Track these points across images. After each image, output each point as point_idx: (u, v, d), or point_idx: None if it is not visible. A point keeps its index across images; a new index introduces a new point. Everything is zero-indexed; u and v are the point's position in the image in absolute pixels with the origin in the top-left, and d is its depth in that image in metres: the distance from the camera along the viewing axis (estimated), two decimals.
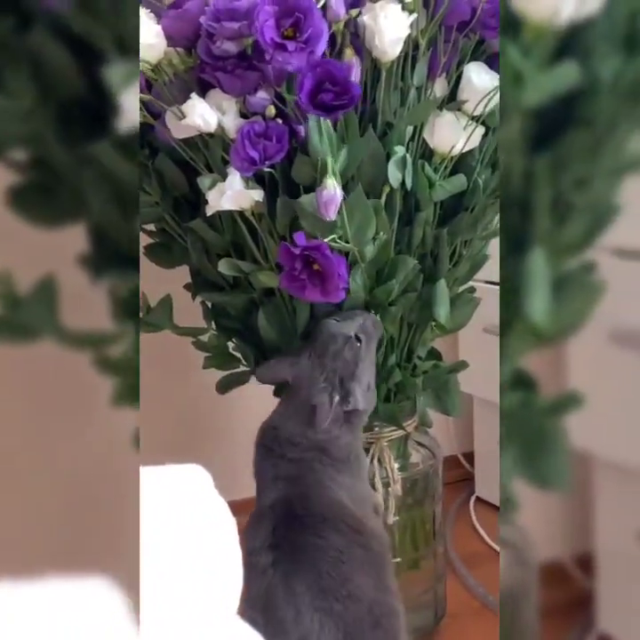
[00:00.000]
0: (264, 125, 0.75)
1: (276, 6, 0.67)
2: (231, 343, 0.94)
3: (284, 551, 0.76)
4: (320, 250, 0.72)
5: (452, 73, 0.80)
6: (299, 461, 0.81)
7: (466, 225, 0.85)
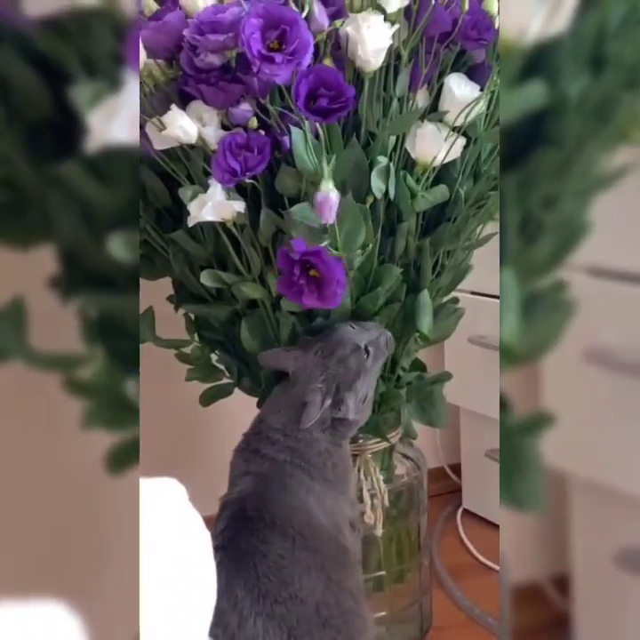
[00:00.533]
0: (245, 137, 0.74)
1: (262, 19, 0.66)
2: (214, 355, 0.94)
3: (229, 554, 0.75)
4: (320, 255, 0.72)
5: (434, 84, 0.80)
6: (271, 460, 0.80)
7: (448, 235, 0.85)
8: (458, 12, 0.76)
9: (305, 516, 0.78)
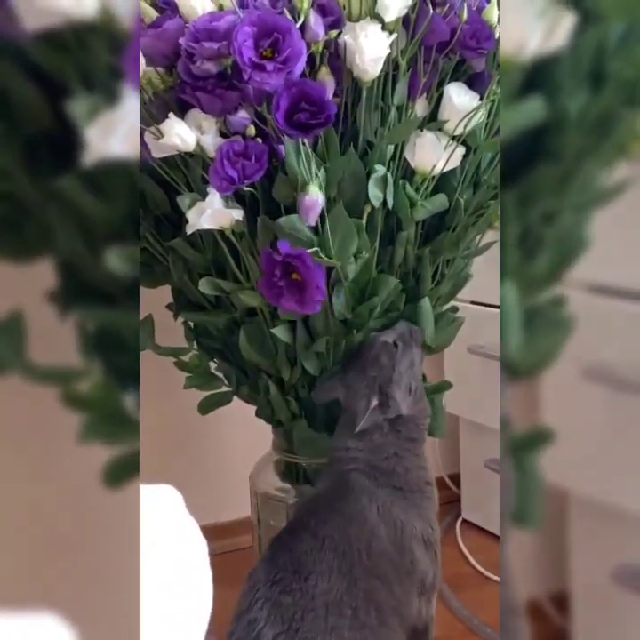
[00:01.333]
0: (243, 145, 0.74)
1: (255, 27, 0.67)
2: (213, 363, 0.94)
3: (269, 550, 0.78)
4: (302, 259, 0.72)
5: (433, 93, 0.80)
6: (339, 473, 0.81)
7: (448, 244, 0.85)
8: (456, 21, 0.76)
9: (360, 538, 0.78)
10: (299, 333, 0.84)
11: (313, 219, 0.72)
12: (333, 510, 0.79)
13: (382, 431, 0.81)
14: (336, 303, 0.81)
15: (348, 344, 0.85)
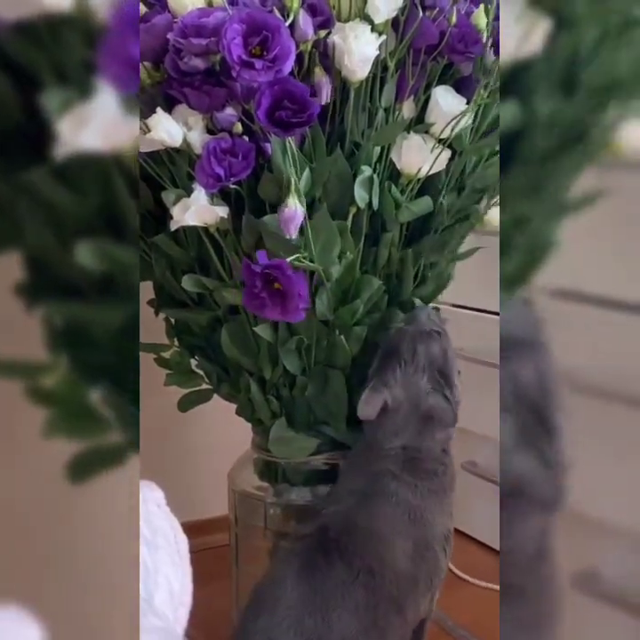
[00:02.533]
0: (230, 142, 0.74)
1: (244, 24, 0.66)
2: (194, 360, 0.93)
3: (298, 559, 0.78)
4: (281, 269, 0.71)
5: (420, 95, 0.80)
6: (380, 474, 0.81)
7: (431, 246, 0.85)
8: (445, 25, 0.76)
9: (382, 549, 0.79)
10: (280, 332, 0.84)
11: (293, 230, 0.72)
12: (369, 534, 0.79)
13: (429, 428, 0.81)
14: (318, 304, 0.81)
15: (330, 344, 0.85)
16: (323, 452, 0.90)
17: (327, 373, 0.86)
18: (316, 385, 0.86)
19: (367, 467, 0.83)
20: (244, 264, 0.74)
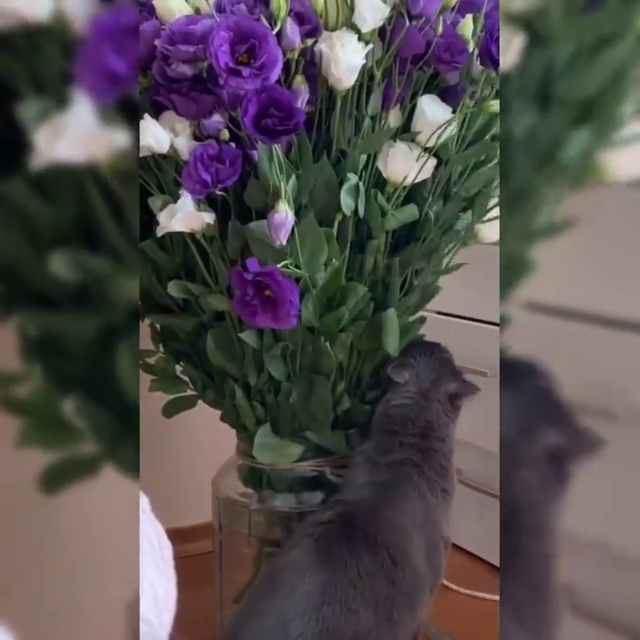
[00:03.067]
0: (217, 148, 0.74)
1: (232, 32, 0.67)
2: (179, 367, 0.93)
3: (318, 548, 0.77)
4: (272, 276, 0.72)
5: (407, 104, 0.80)
6: (399, 465, 0.82)
7: (417, 255, 0.85)
8: (432, 34, 0.76)
9: (405, 542, 0.79)
10: (266, 338, 0.84)
11: (284, 236, 0.72)
12: (395, 525, 0.80)
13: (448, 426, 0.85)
14: (304, 311, 0.81)
15: (315, 350, 0.85)
16: (308, 459, 0.90)
17: (312, 380, 0.86)
18: (301, 391, 0.87)
19: (385, 456, 0.84)
20: (235, 272, 0.74)
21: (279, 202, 0.72)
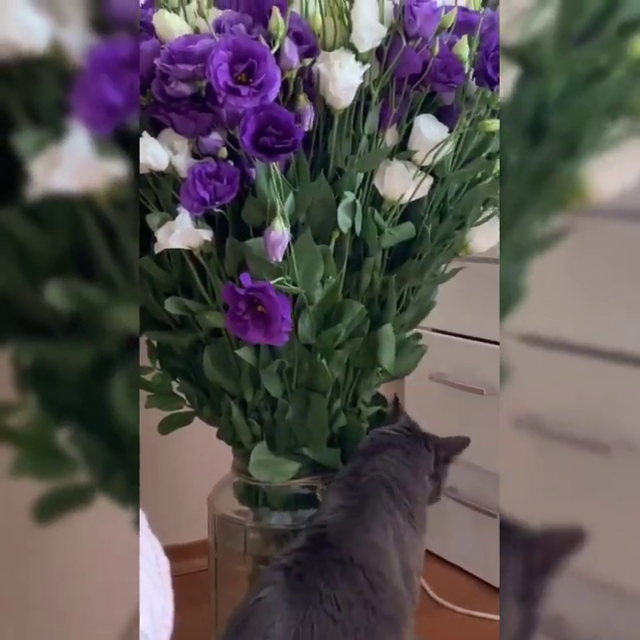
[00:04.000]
0: (215, 166, 0.75)
1: (231, 51, 0.67)
2: (175, 383, 0.93)
3: (290, 578, 0.74)
4: (265, 291, 0.72)
5: (403, 123, 0.81)
6: (370, 493, 0.82)
7: (414, 271, 0.86)
8: (428, 55, 0.77)
9: (382, 562, 0.78)
10: (262, 355, 0.84)
11: (280, 253, 0.73)
12: (362, 543, 0.78)
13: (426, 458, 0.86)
14: (301, 328, 0.81)
15: (312, 367, 0.85)
16: (303, 476, 0.90)
17: (308, 397, 0.86)
18: (298, 408, 0.87)
19: (358, 481, 0.83)
20: (228, 287, 0.74)
21: (275, 219, 0.73)
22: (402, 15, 0.76)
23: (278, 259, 0.73)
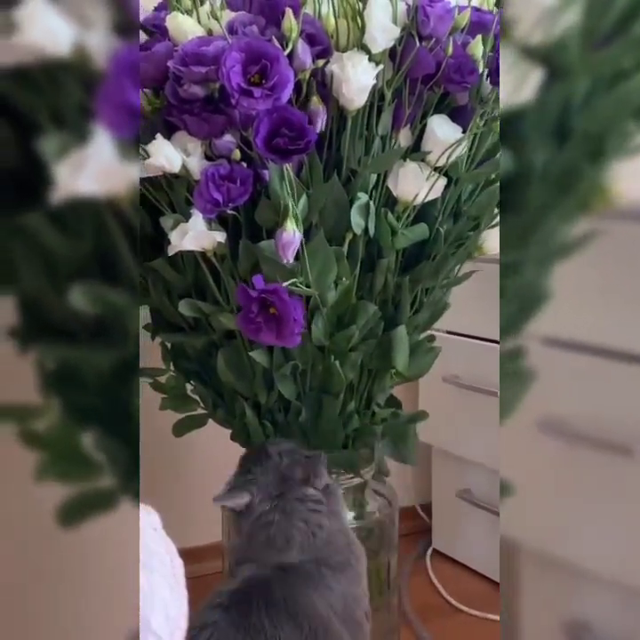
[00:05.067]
0: (229, 168, 0.75)
1: (244, 53, 0.67)
2: (189, 385, 0.93)
3: (230, 616, 0.70)
4: (277, 293, 0.72)
5: (417, 124, 0.81)
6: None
7: (427, 273, 0.85)
8: (442, 55, 0.77)
9: (324, 618, 0.74)
10: (276, 357, 0.84)
11: (291, 255, 0.73)
12: (305, 595, 0.74)
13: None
14: (314, 330, 0.81)
15: (325, 370, 0.85)
16: None
17: (322, 399, 0.86)
18: (311, 410, 0.86)
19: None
20: (241, 289, 0.74)
21: (287, 220, 0.73)
22: (415, 15, 0.75)
23: (289, 260, 0.73)
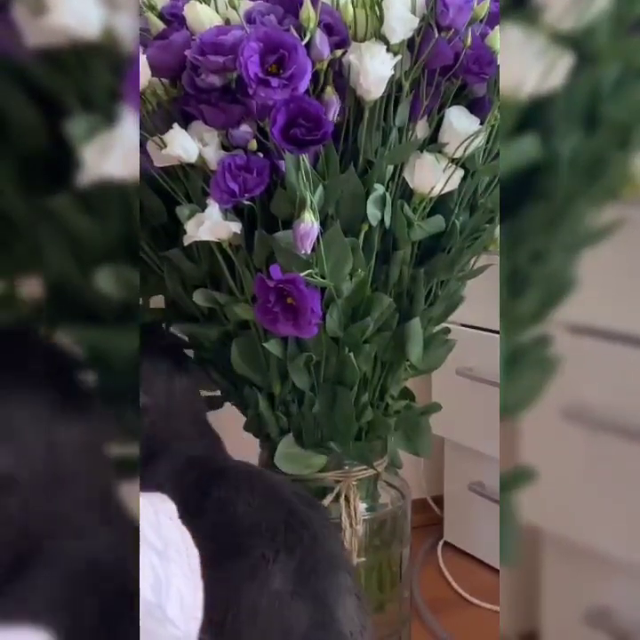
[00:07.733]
0: (245, 158, 0.75)
1: (261, 43, 0.67)
2: None
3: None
4: (295, 284, 0.72)
5: (434, 115, 0.80)
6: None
7: (443, 265, 0.85)
8: (460, 46, 0.77)
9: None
10: (290, 348, 0.84)
11: (309, 246, 0.73)
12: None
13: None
14: (329, 321, 0.81)
15: (339, 361, 0.85)
16: (330, 470, 0.89)
17: (336, 390, 0.86)
18: (325, 402, 0.86)
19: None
20: (258, 278, 0.74)
21: (304, 211, 0.73)
22: (434, 6, 0.75)
23: (307, 251, 0.73)
